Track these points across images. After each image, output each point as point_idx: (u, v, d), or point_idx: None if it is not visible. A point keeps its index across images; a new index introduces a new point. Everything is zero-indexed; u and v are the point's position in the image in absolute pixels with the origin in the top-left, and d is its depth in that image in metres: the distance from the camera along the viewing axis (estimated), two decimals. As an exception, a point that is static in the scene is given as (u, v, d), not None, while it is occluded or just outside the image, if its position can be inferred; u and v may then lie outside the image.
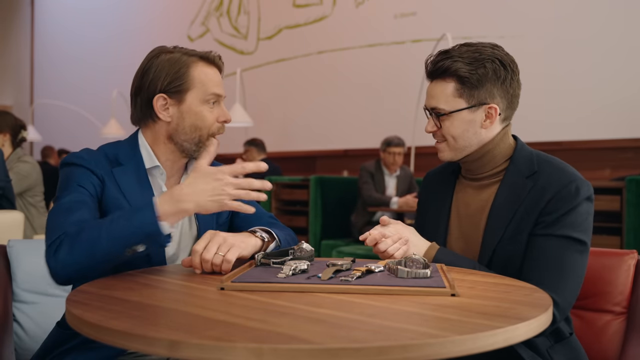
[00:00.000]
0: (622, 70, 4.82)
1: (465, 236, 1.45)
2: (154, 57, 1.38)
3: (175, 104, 1.36)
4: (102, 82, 9.32)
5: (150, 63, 1.37)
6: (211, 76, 1.38)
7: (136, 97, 1.39)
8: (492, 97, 1.38)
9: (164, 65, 1.35)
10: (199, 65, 1.37)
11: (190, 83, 1.35)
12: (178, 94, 1.35)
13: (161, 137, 1.39)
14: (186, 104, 1.36)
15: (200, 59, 1.38)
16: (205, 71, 1.38)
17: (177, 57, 1.36)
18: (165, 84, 1.35)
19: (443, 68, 1.38)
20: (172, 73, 1.35)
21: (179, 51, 1.39)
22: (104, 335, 0.81)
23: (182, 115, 1.36)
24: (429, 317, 0.88)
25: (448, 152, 1.43)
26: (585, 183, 1.34)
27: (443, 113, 1.39)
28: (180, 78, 1.35)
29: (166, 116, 1.37)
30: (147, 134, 1.41)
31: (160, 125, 1.39)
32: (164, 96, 1.35)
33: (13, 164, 3.45)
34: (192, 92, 1.36)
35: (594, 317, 1.54)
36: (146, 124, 1.41)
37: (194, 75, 1.36)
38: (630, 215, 3.61)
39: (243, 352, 0.71)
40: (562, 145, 5.06)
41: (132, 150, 1.39)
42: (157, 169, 1.39)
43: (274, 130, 7.33)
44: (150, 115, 1.38)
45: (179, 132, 1.37)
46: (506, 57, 1.39)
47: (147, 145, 1.40)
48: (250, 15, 7.71)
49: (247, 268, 1.23)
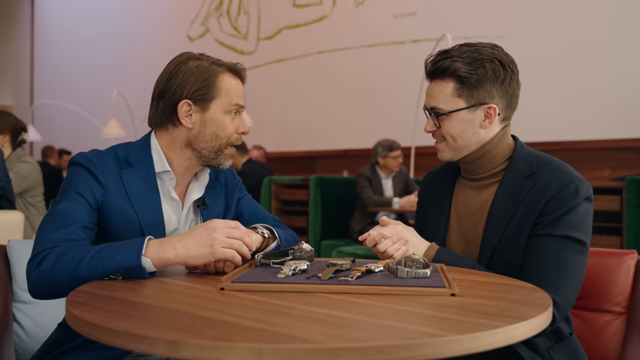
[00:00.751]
0: (622, 70, 4.83)
1: (465, 236, 1.45)
2: (182, 63, 1.38)
3: (199, 111, 1.37)
4: (102, 82, 9.32)
5: (177, 68, 1.37)
6: (236, 87, 1.40)
7: (159, 100, 1.39)
8: (492, 97, 1.38)
9: (192, 71, 1.36)
10: (226, 76, 1.39)
11: (216, 92, 1.37)
12: (203, 101, 1.36)
13: (179, 142, 1.39)
14: (210, 112, 1.37)
15: (228, 69, 1.40)
16: (231, 82, 1.39)
17: (206, 66, 1.37)
18: (192, 91, 1.35)
19: (442, 68, 1.38)
20: (200, 80, 1.35)
21: (207, 60, 1.40)
22: (104, 335, 0.81)
23: (205, 123, 1.37)
24: (429, 317, 0.88)
25: (447, 152, 1.43)
26: (585, 183, 1.34)
27: (442, 113, 1.39)
28: (207, 86, 1.36)
29: (188, 122, 1.37)
30: (163, 137, 1.41)
31: (180, 130, 1.39)
32: (189, 102, 1.36)
33: (13, 164, 3.45)
34: (217, 101, 1.37)
35: (594, 317, 1.54)
36: (165, 128, 1.40)
37: (221, 85, 1.37)
38: (630, 215, 3.61)
39: (243, 352, 0.72)
40: (562, 146, 5.06)
41: (144, 152, 1.39)
42: (167, 173, 1.39)
43: (273, 131, 7.33)
44: (171, 120, 1.38)
45: (199, 139, 1.38)
46: (505, 57, 1.39)
47: (159, 148, 1.40)
48: (250, 16, 7.71)
49: (247, 268, 1.23)
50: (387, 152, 4.57)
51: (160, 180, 1.39)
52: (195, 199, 1.45)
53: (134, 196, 1.34)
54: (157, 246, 1.17)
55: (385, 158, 4.59)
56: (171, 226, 1.40)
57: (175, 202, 1.41)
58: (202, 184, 1.46)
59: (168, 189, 1.40)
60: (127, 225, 1.32)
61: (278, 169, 6.90)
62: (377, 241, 1.36)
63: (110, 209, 1.31)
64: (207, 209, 1.45)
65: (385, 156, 4.58)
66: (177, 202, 1.41)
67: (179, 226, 1.42)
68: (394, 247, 1.35)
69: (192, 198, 1.44)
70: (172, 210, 1.41)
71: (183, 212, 1.42)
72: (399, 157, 4.60)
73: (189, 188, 1.45)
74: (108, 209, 1.31)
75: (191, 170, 1.43)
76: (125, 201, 1.32)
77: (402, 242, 1.37)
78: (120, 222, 1.32)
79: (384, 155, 4.58)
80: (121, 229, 1.31)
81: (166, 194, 1.40)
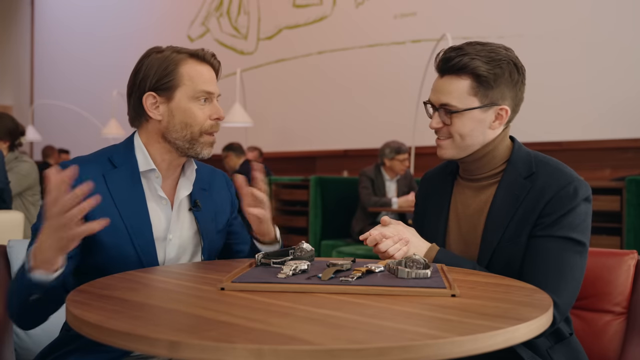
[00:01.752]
0: (622, 70, 4.83)
1: (464, 238, 1.45)
2: (145, 57, 1.38)
3: (164, 101, 1.35)
4: (102, 82, 9.32)
5: (141, 62, 1.37)
6: (201, 73, 1.37)
7: (129, 97, 1.39)
8: (504, 98, 1.37)
9: (153, 63, 1.35)
10: (189, 63, 1.36)
11: (178, 80, 1.34)
12: (167, 91, 1.35)
13: (154, 136, 1.38)
14: (175, 101, 1.35)
15: (190, 56, 1.37)
16: (195, 68, 1.36)
17: (167, 55, 1.36)
18: (154, 82, 1.34)
19: (460, 64, 1.34)
20: (160, 70, 1.34)
21: (170, 49, 1.38)
22: (105, 335, 0.81)
23: (172, 112, 1.35)
24: (429, 318, 0.88)
25: (450, 149, 1.41)
26: (584, 184, 1.34)
27: (455, 110, 1.37)
28: (168, 75, 1.34)
29: (157, 114, 1.36)
30: (142, 134, 1.40)
31: (152, 124, 1.38)
32: (153, 94, 1.35)
33: (12, 164, 3.45)
34: (180, 89, 1.35)
35: (594, 317, 1.54)
36: (140, 124, 1.40)
37: (183, 72, 1.35)
38: (630, 215, 3.61)
39: (243, 353, 0.72)
40: (562, 146, 5.06)
41: (128, 152, 1.38)
42: (152, 172, 1.38)
43: (274, 130, 7.33)
44: (142, 115, 1.38)
45: (170, 130, 1.36)
46: (518, 61, 1.38)
47: (142, 147, 1.38)
48: (250, 16, 7.71)
49: (247, 268, 1.23)
50: (394, 155, 4.48)
51: (146, 180, 1.38)
52: (185, 197, 1.43)
53: (118, 198, 1.32)
54: (36, 254, 1.11)
55: (392, 160, 4.52)
56: (161, 226, 1.38)
57: (164, 201, 1.39)
58: (190, 180, 1.44)
59: (155, 188, 1.38)
60: (113, 229, 1.27)
61: (278, 169, 6.90)
62: (378, 241, 1.36)
63: (94, 215, 1.22)
64: (200, 210, 1.44)
65: (392, 158, 4.51)
66: (166, 201, 1.39)
67: (170, 225, 1.39)
68: (394, 248, 1.35)
69: (181, 195, 1.42)
70: (161, 210, 1.39)
71: (173, 211, 1.40)
72: (406, 160, 4.55)
73: (178, 184, 1.43)
74: (92, 215, 1.22)
75: (174, 164, 1.41)
76: (110, 204, 1.31)
77: (403, 243, 1.36)
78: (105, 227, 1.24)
79: (391, 157, 4.50)
80: (107, 233, 1.27)
81: (154, 193, 1.38)
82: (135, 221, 1.33)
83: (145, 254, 1.33)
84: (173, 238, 1.39)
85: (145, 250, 1.33)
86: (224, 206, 1.53)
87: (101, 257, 1.31)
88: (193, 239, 1.44)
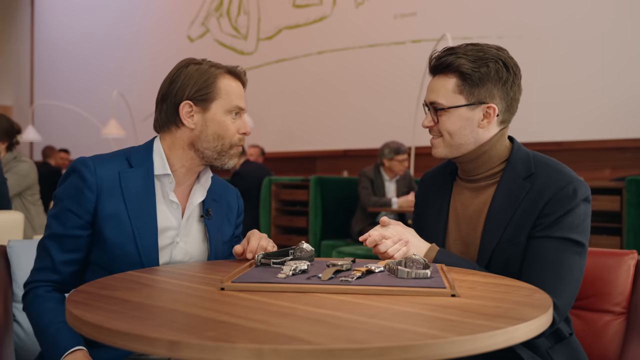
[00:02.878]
0: (622, 70, 4.83)
1: (464, 239, 1.45)
2: (184, 67, 1.43)
3: (200, 111, 1.41)
4: (102, 82, 9.32)
5: (179, 72, 1.42)
6: (236, 89, 1.44)
7: (162, 103, 1.43)
8: (492, 97, 1.38)
9: (192, 74, 1.41)
10: (226, 78, 1.43)
11: (216, 93, 1.41)
12: (204, 102, 1.40)
13: (181, 142, 1.43)
14: (211, 113, 1.41)
15: (228, 72, 1.44)
16: (230, 84, 1.43)
17: (206, 68, 1.42)
18: (193, 92, 1.40)
19: (446, 63, 1.38)
20: (200, 82, 1.40)
21: (208, 63, 1.44)
22: (105, 335, 0.81)
23: (206, 123, 1.41)
24: (429, 318, 0.88)
25: (442, 148, 1.43)
26: (583, 184, 1.34)
27: (441, 108, 1.39)
28: (207, 87, 1.40)
29: (190, 123, 1.41)
30: (166, 139, 1.44)
31: (183, 131, 1.42)
32: (190, 103, 1.40)
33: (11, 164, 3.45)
34: (217, 102, 1.41)
35: (594, 317, 1.54)
36: (169, 130, 1.44)
37: (220, 87, 1.41)
38: (630, 215, 3.61)
39: (243, 353, 0.72)
40: (562, 146, 5.06)
41: (146, 155, 1.43)
42: (166, 177, 1.41)
43: (273, 131, 7.33)
44: (174, 121, 1.42)
45: (201, 139, 1.41)
46: (510, 60, 1.39)
47: (162, 151, 1.43)
48: (250, 16, 7.71)
49: (247, 268, 1.23)
50: (393, 155, 4.50)
51: (160, 183, 1.41)
52: (198, 204, 1.47)
53: (129, 198, 1.37)
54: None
55: (391, 161, 4.53)
56: (169, 230, 1.41)
57: (175, 205, 1.42)
58: (204, 187, 1.48)
59: (167, 192, 1.41)
60: (119, 227, 1.34)
61: (278, 169, 6.91)
62: (378, 242, 1.36)
63: (105, 211, 1.34)
64: (211, 219, 1.47)
65: (391, 159, 4.52)
66: (177, 205, 1.42)
67: (179, 230, 1.42)
68: (394, 248, 1.35)
69: (194, 202, 1.45)
70: (172, 214, 1.42)
71: (184, 217, 1.43)
72: (405, 160, 4.56)
73: (192, 191, 1.46)
74: (102, 211, 1.34)
75: (193, 171, 1.45)
76: (120, 202, 1.36)
77: (403, 243, 1.37)
78: (113, 224, 1.34)
79: (390, 157, 4.52)
80: (114, 230, 1.34)
81: (166, 197, 1.41)
82: (142, 222, 1.36)
83: (146, 256, 1.35)
84: (181, 242, 1.43)
85: (148, 252, 1.36)
86: (231, 220, 1.57)
87: (104, 253, 1.35)
88: (200, 246, 1.47)
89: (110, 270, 1.32)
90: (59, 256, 1.35)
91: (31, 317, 1.34)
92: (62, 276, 1.36)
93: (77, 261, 1.37)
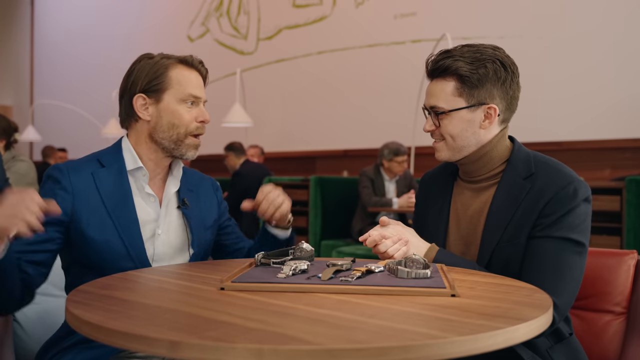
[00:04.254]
0: (622, 70, 4.83)
1: (464, 239, 1.45)
2: (137, 62, 1.46)
3: (153, 103, 1.43)
4: (102, 82, 9.32)
5: (133, 67, 1.46)
6: (189, 78, 1.45)
7: (121, 99, 1.48)
8: (492, 97, 1.38)
9: (144, 67, 1.44)
10: (177, 68, 1.44)
11: (167, 83, 1.43)
12: (156, 93, 1.43)
13: (143, 136, 1.45)
14: (164, 103, 1.43)
15: (179, 61, 1.46)
16: (183, 73, 1.44)
17: (157, 60, 1.44)
18: (145, 84, 1.42)
19: (444, 67, 1.38)
20: (151, 74, 1.43)
21: (160, 55, 1.47)
22: (104, 335, 0.81)
23: (160, 113, 1.43)
24: (429, 318, 0.88)
25: (445, 151, 1.43)
26: (583, 184, 1.34)
27: (442, 111, 1.39)
28: (158, 78, 1.42)
29: (146, 115, 1.44)
30: (132, 135, 1.48)
31: (141, 124, 1.45)
32: (143, 96, 1.43)
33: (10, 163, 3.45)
34: (169, 92, 1.43)
35: (594, 317, 1.54)
36: (130, 125, 1.48)
37: (171, 76, 1.43)
38: (630, 215, 3.61)
39: (243, 353, 0.72)
40: (562, 146, 5.06)
41: (116, 153, 1.45)
42: (139, 170, 1.44)
43: (274, 131, 7.33)
44: (132, 115, 1.46)
45: (157, 130, 1.43)
46: (507, 58, 1.39)
47: (130, 147, 1.46)
48: (250, 16, 7.71)
49: (247, 268, 1.23)
50: (392, 156, 4.51)
51: (133, 178, 1.44)
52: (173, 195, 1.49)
53: (106, 195, 1.39)
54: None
55: (390, 162, 4.54)
56: (149, 222, 1.43)
57: (152, 198, 1.45)
58: (176, 178, 1.50)
59: (142, 185, 1.44)
60: (101, 224, 1.36)
61: (278, 169, 6.90)
62: (378, 242, 1.36)
63: (83, 212, 1.35)
64: (188, 208, 1.49)
65: (390, 160, 4.54)
66: (154, 198, 1.45)
67: (159, 221, 1.44)
68: (394, 248, 1.35)
69: (170, 192, 1.48)
70: (150, 206, 1.44)
71: (162, 208, 1.45)
72: (404, 162, 4.58)
73: (167, 182, 1.49)
74: (80, 212, 1.35)
75: (161, 164, 1.48)
76: (98, 201, 1.38)
77: (403, 243, 1.37)
78: (94, 223, 1.36)
79: (390, 158, 4.53)
80: (96, 229, 1.36)
81: (141, 191, 1.44)
82: (123, 217, 1.38)
83: (134, 248, 1.38)
84: (162, 234, 1.44)
85: (134, 244, 1.38)
86: (211, 207, 1.59)
87: (92, 252, 1.36)
88: (181, 235, 1.48)
89: (100, 268, 1.33)
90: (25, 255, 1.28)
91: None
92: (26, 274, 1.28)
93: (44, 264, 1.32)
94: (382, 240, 1.36)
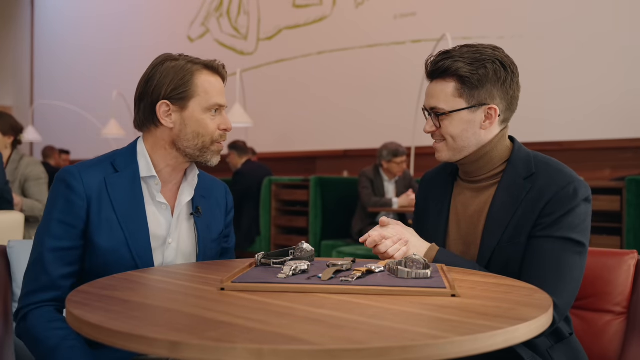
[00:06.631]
0: (622, 70, 4.82)
1: (464, 239, 1.45)
2: (159, 64, 1.39)
3: (178, 110, 1.38)
4: (102, 82, 9.32)
5: (155, 70, 1.39)
6: (214, 85, 1.40)
7: (140, 102, 1.41)
8: (492, 98, 1.38)
9: (168, 72, 1.37)
10: (203, 74, 1.39)
11: (193, 91, 1.37)
12: (181, 100, 1.37)
13: (162, 142, 1.40)
14: (189, 111, 1.38)
15: (205, 67, 1.40)
16: (208, 80, 1.39)
17: (182, 65, 1.38)
18: (169, 91, 1.36)
19: (444, 68, 1.38)
20: (176, 80, 1.36)
21: (184, 59, 1.40)
22: (104, 336, 0.81)
23: (185, 122, 1.38)
24: (430, 318, 0.88)
25: (446, 152, 1.43)
26: (583, 184, 1.34)
27: (442, 112, 1.39)
28: (184, 85, 1.36)
29: (169, 122, 1.38)
30: (148, 139, 1.42)
31: (162, 130, 1.40)
32: (167, 102, 1.37)
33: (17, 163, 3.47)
34: (195, 100, 1.37)
35: (594, 317, 1.54)
36: (148, 130, 1.42)
37: (198, 84, 1.37)
38: (630, 215, 3.61)
39: (243, 353, 0.72)
40: (562, 146, 5.06)
41: (130, 157, 1.40)
42: (152, 179, 1.39)
43: (274, 131, 7.33)
44: (152, 121, 1.40)
45: (181, 138, 1.38)
46: (507, 58, 1.39)
47: (146, 152, 1.41)
48: (250, 16, 7.71)
49: (247, 268, 1.23)
50: (391, 157, 4.51)
51: (146, 185, 1.40)
52: (187, 203, 1.45)
53: (117, 202, 1.34)
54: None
55: (389, 163, 4.54)
56: (160, 231, 1.40)
57: (164, 206, 1.41)
58: (191, 186, 1.46)
59: (154, 194, 1.40)
60: (111, 233, 1.33)
61: (278, 170, 6.90)
62: (378, 242, 1.36)
63: (96, 219, 1.32)
64: (200, 216, 1.46)
65: (389, 161, 4.53)
66: (166, 206, 1.41)
67: (170, 231, 1.41)
68: (394, 248, 1.35)
69: (183, 201, 1.44)
70: (161, 214, 1.40)
71: (174, 217, 1.42)
72: (403, 162, 4.58)
73: (180, 190, 1.45)
74: (94, 218, 1.32)
75: (179, 169, 1.43)
76: (109, 209, 1.33)
77: (403, 243, 1.37)
78: (104, 231, 1.32)
79: (389, 159, 4.53)
80: (105, 237, 1.32)
81: (154, 199, 1.40)
82: (133, 225, 1.35)
83: (141, 258, 1.35)
84: (172, 242, 1.41)
85: (141, 254, 1.35)
86: (219, 217, 1.54)
87: (98, 260, 1.33)
88: (190, 245, 1.45)
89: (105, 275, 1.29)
90: (58, 271, 1.30)
91: (35, 339, 1.25)
92: (63, 292, 1.30)
93: (76, 273, 1.33)
94: (382, 240, 1.36)
